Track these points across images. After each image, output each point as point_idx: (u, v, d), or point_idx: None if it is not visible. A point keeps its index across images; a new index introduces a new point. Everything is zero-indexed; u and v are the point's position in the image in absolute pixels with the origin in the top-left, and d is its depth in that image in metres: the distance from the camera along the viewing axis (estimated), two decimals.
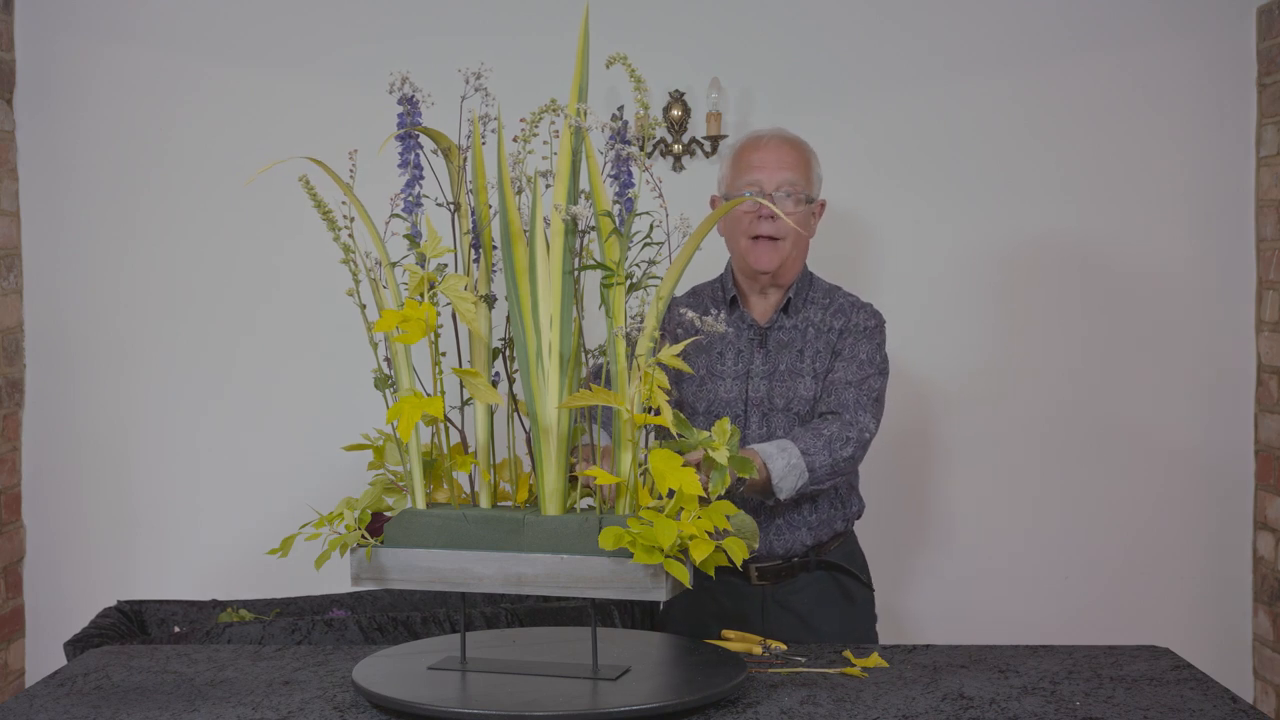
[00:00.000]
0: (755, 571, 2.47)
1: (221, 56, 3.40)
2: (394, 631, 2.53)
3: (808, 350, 2.46)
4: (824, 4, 3.38)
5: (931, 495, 3.42)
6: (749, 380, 2.45)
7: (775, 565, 2.47)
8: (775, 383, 2.45)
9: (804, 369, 2.44)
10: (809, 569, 2.48)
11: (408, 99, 1.96)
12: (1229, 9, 3.34)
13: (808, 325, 2.47)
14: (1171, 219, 3.38)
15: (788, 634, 2.39)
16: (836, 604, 2.51)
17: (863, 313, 2.49)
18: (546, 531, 1.87)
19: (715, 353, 2.49)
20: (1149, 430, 3.40)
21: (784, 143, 2.49)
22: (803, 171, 2.47)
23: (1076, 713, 1.79)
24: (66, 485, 3.43)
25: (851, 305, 2.50)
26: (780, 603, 2.48)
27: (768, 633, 2.39)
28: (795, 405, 2.43)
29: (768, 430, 2.43)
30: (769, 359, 2.46)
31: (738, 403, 2.45)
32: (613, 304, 1.91)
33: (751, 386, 2.45)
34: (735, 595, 2.47)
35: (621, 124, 1.95)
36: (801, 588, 2.48)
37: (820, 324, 2.47)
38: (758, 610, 2.48)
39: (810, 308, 2.50)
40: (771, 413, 2.44)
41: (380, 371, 2.02)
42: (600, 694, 1.80)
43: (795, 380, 2.44)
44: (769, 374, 2.45)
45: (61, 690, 1.97)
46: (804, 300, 2.50)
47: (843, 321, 2.47)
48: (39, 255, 3.41)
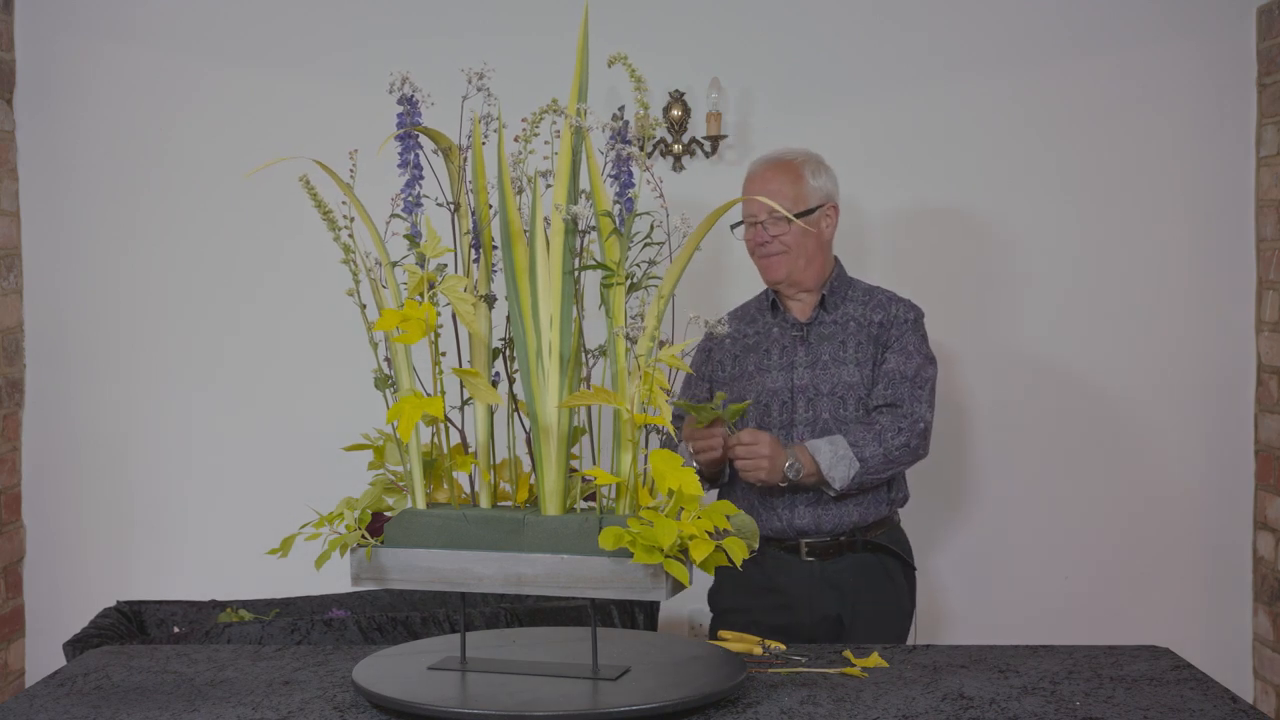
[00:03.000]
0: (805, 547, 2.63)
1: (221, 56, 3.40)
2: (394, 631, 2.53)
3: (849, 341, 2.67)
4: (824, 4, 3.38)
5: (931, 495, 3.41)
6: (793, 370, 2.67)
7: (824, 542, 2.63)
8: (818, 371, 2.66)
9: (847, 358, 2.66)
10: (855, 549, 2.65)
11: (408, 99, 1.96)
12: (1229, 9, 3.34)
13: (848, 320, 2.70)
14: (1171, 219, 3.38)
15: (830, 609, 2.62)
16: (879, 584, 2.67)
17: (901, 305, 2.71)
18: (546, 531, 1.87)
19: (763, 350, 2.72)
20: (1149, 430, 3.40)
21: (771, 169, 2.71)
22: (791, 192, 2.66)
23: (1076, 713, 1.79)
24: (66, 485, 3.43)
25: (890, 299, 2.73)
26: (827, 580, 2.64)
27: (811, 607, 2.63)
28: (840, 390, 2.64)
29: (814, 414, 2.64)
30: (811, 351, 2.68)
31: (784, 391, 2.66)
32: (613, 304, 1.91)
33: (796, 376, 2.67)
34: (785, 569, 2.64)
35: (621, 124, 1.95)
36: (847, 566, 2.64)
37: (861, 318, 2.69)
38: (804, 586, 2.63)
39: (849, 304, 2.72)
40: (817, 398, 2.64)
41: (380, 371, 2.02)
42: (600, 694, 1.80)
43: (839, 368, 2.65)
44: (811, 364, 2.67)
45: (61, 690, 1.97)
46: (842, 298, 2.72)
47: (883, 315, 2.69)
48: (39, 255, 3.42)
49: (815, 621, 2.64)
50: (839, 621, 2.65)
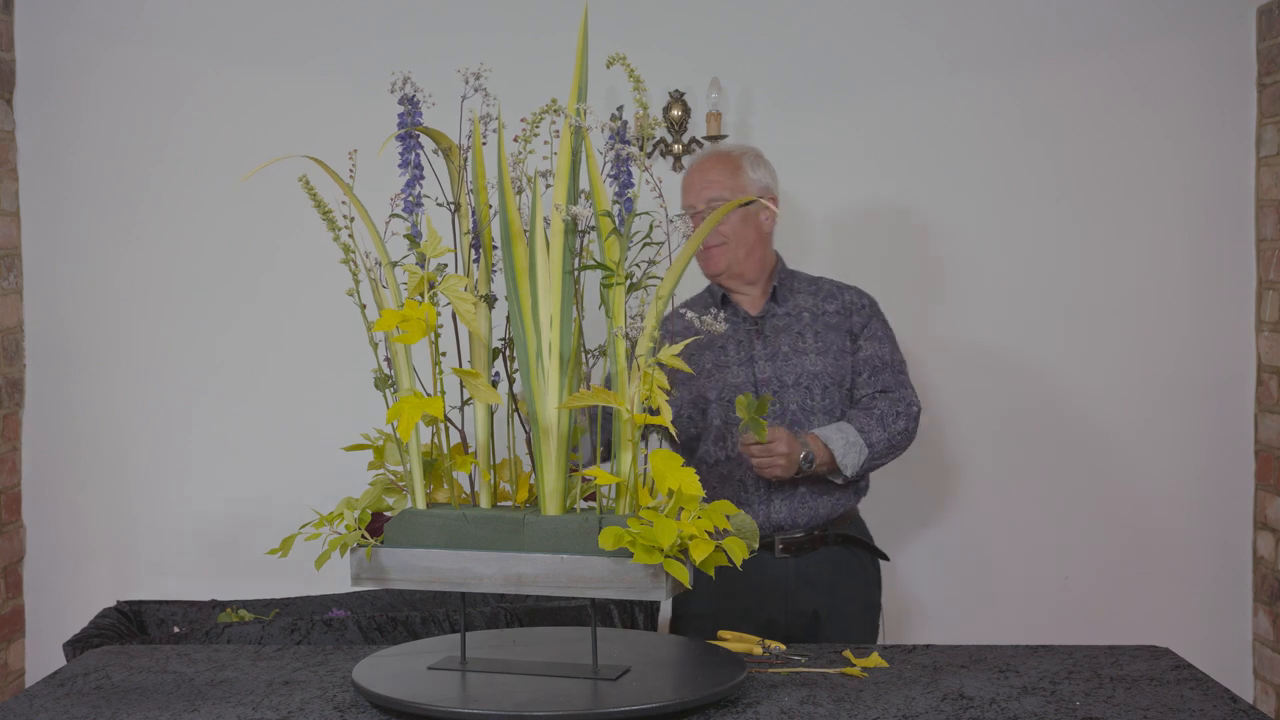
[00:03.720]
0: (780, 544, 2.64)
1: (221, 56, 3.40)
2: (393, 631, 2.53)
3: (806, 332, 2.68)
4: (824, 4, 3.38)
5: (931, 495, 3.42)
6: (754, 365, 2.67)
7: (799, 538, 2.64)
8: (780, 363, 2.66)
9: (806, 348, 2.67)
10: (828, 542, 2.66)
11: (408, 99, 1.96)
12: (1229, 9, 3.34)
13: (801, 311, 2.70)
14: (1171, 219, 3.38)
15: (805, 606, 2.64)
16: (853, 577, 2.70)
17: (854, 292, 2.74)
18: (546, 531, 1.87)
19: (718, 346, 2.70)
20: (1149, 430, 3.40)
21: (709, 161, 2.73)
22: (730, 183, 2.67)
23: (1076, 713, 1.79)
24: (66, 485, 3.44)
25: (839, 288, 2.75)
26: (803, 576, 2.65)
27: (787, 605, 2.63)
28: (804, 380, 2.65)
29: (781, 406, 2.64)
30: (768, 344, 2.68)
31: (747, 385, 2.66)
32: (613, 304, 1.91)
33: (757, 369, 2.66)
34: (762, 570, 2.61)
35: (621, 124, 1.95)
36: (822, 561, 2.66)
37: (814, 308, 2.71)
38: (782, 584, 2.64)
39: (798, 295, 2.73)
40: (782, 390, 2.65)
41: (380, 371, 2.02)
42: (600, 694, 1.80)
43: (800, 359, 2.66)
44: (771, 357, 2.67)
45: (61, 690, 1.97)
46: (789, 289, 2.73)
47: (836, 304, 2.71)
48: (39, 255, 3.42)
49: (791, 619, 2.63)
50: (814, 617, 2.64)
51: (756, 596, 2.62)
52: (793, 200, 3.28)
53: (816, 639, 2.62)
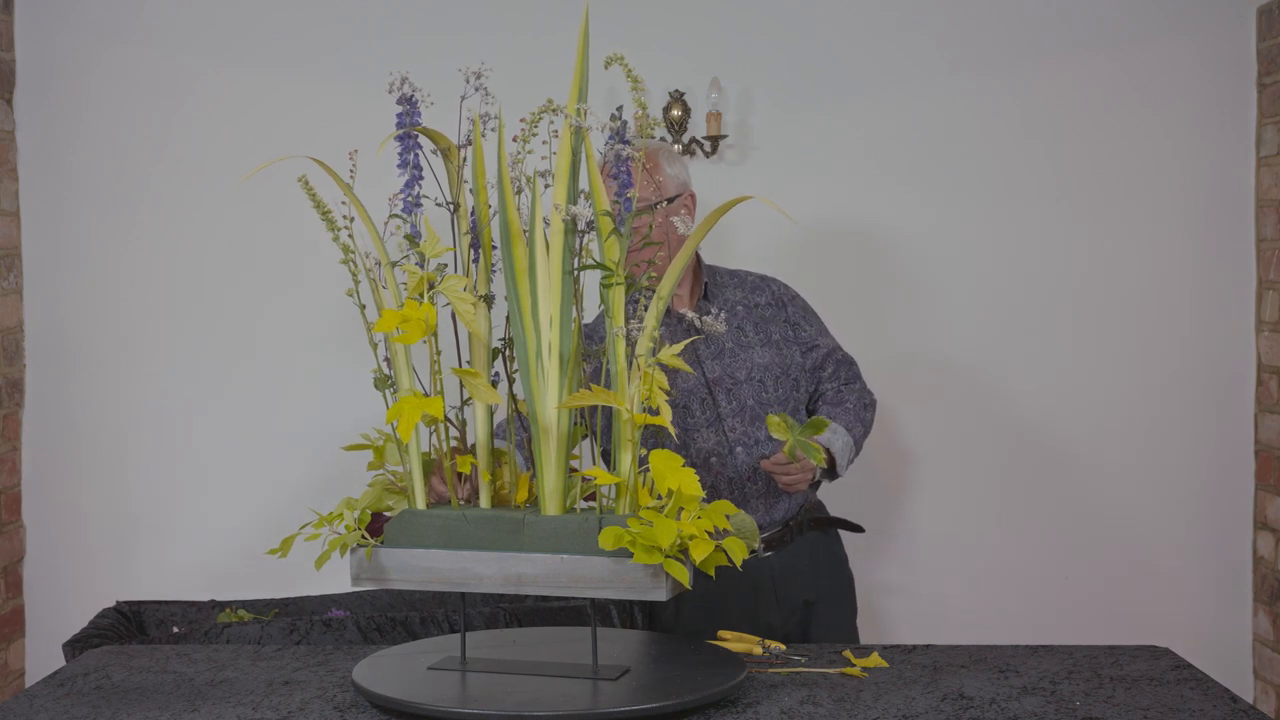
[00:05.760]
0: (761, 544, 2.58)
1: (221, 56, 3.40)
2: (393, 631, 2.53)
3: (745, 325, 2.62)
4: (824, 4, 3.38)
5: (931, 495, 3.41)
6: (701, 364, 2.59)
7: (778, 532, 2.61)
8: (728, 360, 2.60)
9: (749, 341, 2.61)
10: (803, 530, 2.64)
11: (407, 99, 1.96)
12: (1229, 9, 3.34)
13: (734, 305, 2.64)
14: (1171, 219, 3.38)
15: (800, 595, 2.61)
16: (832, 560, 2.69)
17: (778, 284, 2.70)
18: (546, 531, 1.87)
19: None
20: (1149, 430, 3.40)
21: None
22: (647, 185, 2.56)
23: (1076, 713, 1.79)
24: (66, 485, 3.43)
25: (761, 279, 2.70)
26: (788, 568, 2.62)
27: (779, 603, 2.59)
28: (756, 374, 2.59)
29: (738, 403, 2.57)
30: (710, 342, 2.60)
31: (700, 387, 2.58)
32: (613, 304, 1.91)
33: (706, 369, 2.59)
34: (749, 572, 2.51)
35: (621, 124, 1.95)
36: (801, 551, 2.63)
37: (745, 301, 2.65)
38: (769, 581, 2.60)
39: (726, 290, 2.66)
40: (735, 386, 2.58)
41: (380, 371, 2.02)
42: (600, 694, 1.80)
43: (746, 353, 2.60)
44: (717, 355, 2.60)
45: (61, 690, 1.97)
46: (718, 285, 2.67)
47: (765, 295, 2.66)
48: (39, 255, 3.41)
49: (785, 615, 2.60)
50: (805, 605, 2.61)
51: (747, 599, 2.57)
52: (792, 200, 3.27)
53: (811, 626, 2.61)
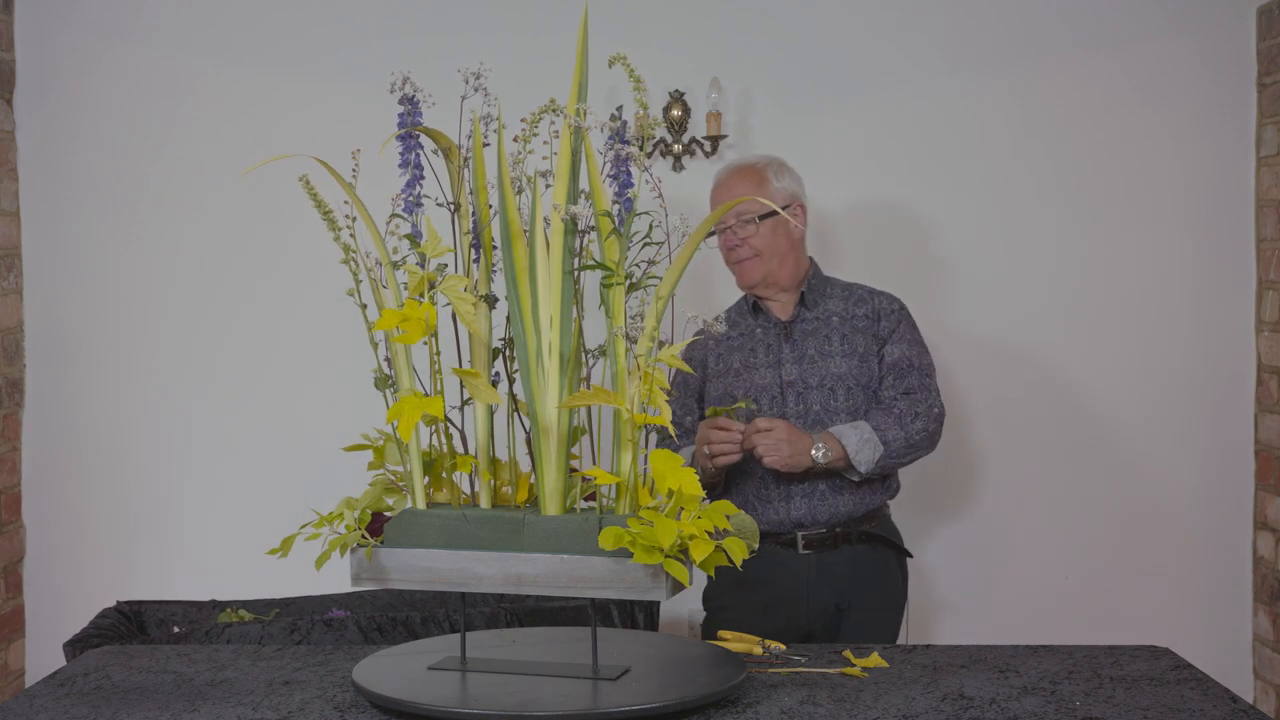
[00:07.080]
0: (802, 540, 2.67)
1: (221, 56, 3.40)
2: (393, 631, 2.53)
3: (833, 336, 2.73)
4: (824, 4, 3.38)
5: (931, 496, 3.41)
6: (780, 367, 2.73)
7: (820, 534, 2.68)
8: (805, 365, 2.72)
9: (833, 351, 2.72)
10: (851, 540, 2.69)
11: (408, 99, 1.96)
12: (1229, 9, 3.34)
13: (830, 315, 2.76)
14: (1171, 219, 3.38)
15: (827, 602, 2.67)
16: (876, 575, 2.72)
17: (885, 298, 2.79)
18: (546, 531, 1.87)
19: (748, 349, 2.78)
20: (1149, 430, 3.40)
21: (734, 175, 2.79)
22: (756, 194, 2.70)
23: (1076, 713, 1.79)
24: (66, 485, 3.44)
25: (871, 293, 2.79)
26: (824, 572, 2.68)
27: (809, 601, 2.67)
28: (829, 382, 2.70)
29: (804, 407, 2.69)
30: (795, 347, 2.73)
31: (773, 386, 2.72)
32: (613, 304, 1.91)
33: (784, 371, 2.72)
34: (782, 564, 2.68)
35: (621, 124, 1.95)
36: (844, 558, 2.69)
37: (844, 313, 2.76)
38: (802, 580, 2.67)
39: (829, 300, 2.78)
40: (806, 391, 2.70)
41: (380, 371, 2.02)
42: (600, 694, 1.80)
43: (825, 361, 2.71)
44: (798, 359, 2.72)
45: (61, 690, 1.97)
46: (821, 294, 2.78)
47: (867, 308, 2.76)
48: (39, 255, 3.42)
49: (813, 616, 2.67)
50: (837, 613, 2.68)
51: (779, 593, 2.66)
52: None
53: (839, 633, 2.67)
